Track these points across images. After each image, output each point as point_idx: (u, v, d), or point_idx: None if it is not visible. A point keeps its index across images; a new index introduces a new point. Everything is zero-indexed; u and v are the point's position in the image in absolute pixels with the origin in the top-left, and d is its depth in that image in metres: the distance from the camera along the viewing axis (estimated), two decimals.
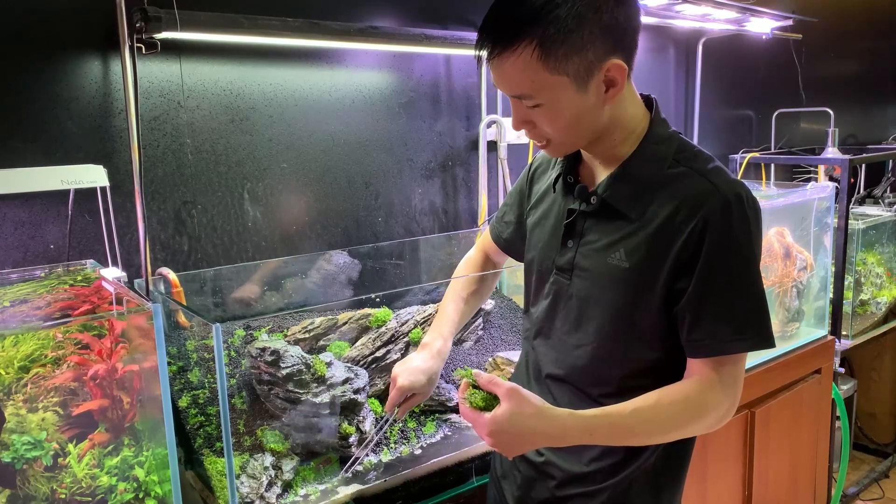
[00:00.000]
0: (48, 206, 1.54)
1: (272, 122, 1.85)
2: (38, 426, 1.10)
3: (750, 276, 1.02)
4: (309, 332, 1.63)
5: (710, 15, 2.59)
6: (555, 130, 1.04)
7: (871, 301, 2.89)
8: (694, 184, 1.01)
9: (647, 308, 1.05)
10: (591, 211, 1.09)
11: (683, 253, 1.00)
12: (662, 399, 1.02)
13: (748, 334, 1.01)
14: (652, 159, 1.05)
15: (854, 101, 3.99)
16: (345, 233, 2.02)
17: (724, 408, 1.04)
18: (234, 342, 1.61)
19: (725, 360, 1.02)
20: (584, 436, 1.01)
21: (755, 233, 1.02)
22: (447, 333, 1.36)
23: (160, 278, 1.60)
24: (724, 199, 0.99)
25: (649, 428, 1.03)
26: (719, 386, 1.03)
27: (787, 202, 2.35)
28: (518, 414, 0.99)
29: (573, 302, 1.12)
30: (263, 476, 1.29)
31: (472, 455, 1.48)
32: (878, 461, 3.34)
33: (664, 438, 1.07)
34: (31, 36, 1.49)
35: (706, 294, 1.00)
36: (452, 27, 2.17)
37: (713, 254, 0.99)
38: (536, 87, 0.98)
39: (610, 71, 0.98)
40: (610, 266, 1.06)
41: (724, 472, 2.06)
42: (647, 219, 1.03)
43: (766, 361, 2.14)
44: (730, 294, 1.01)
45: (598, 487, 1.13)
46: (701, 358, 1.03)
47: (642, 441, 1.07)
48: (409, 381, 1.28)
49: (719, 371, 1.02)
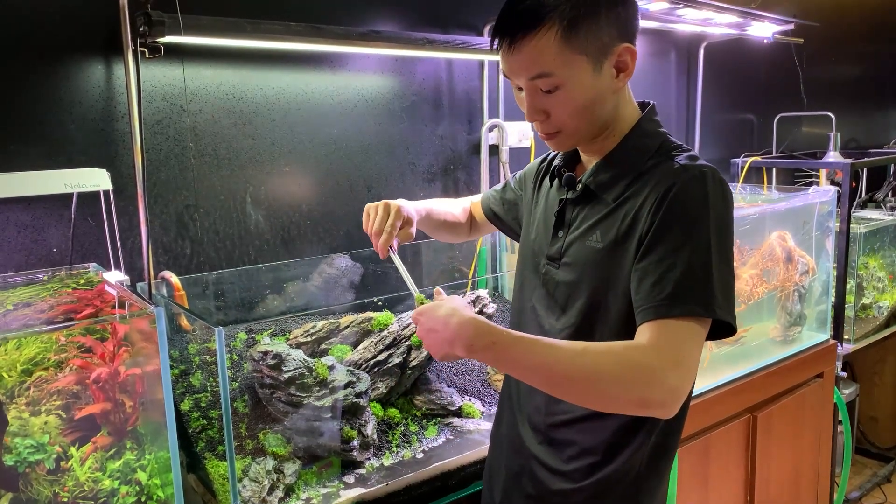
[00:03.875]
0: (51, 210, 1.54)
1: (275, 125, 1.85)
2: (41, 429, 1.10)
3: (702, 246, 0.98)
4: (311, 335, 1.63)
5: (711, 19, 2.60)
6: (568, 116, 1.07)
7: (873, 305, 2.89)
8: (665, 168, 1.05)
9: (618, 288, 1.06)
10: (576, 198, 1.14)
11: (645, 227, 1.02)
12: (592, 346, 0.97)
13: (686, 302, 0.95)
14: (636, 150, 1.10)
15: (855, 105, 3.99)
16: (347, 236, 2.02)
17: (661, 376, 0.93)
18: (237, 346, 1.61)
19: (664, 325, 0.96)
20: (485, 342, 0.97)
21: (718, 207, 1.00)
22: (424, 209, 1.37)
23: (162, 282, 1.61)
24: (688, 176, 1.01)
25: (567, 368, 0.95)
26: (656, 350, 0.95)
27: (788, 206, 2.35)
28: (439, 305, 1.04)
29: (560, 288, 1.14)
30: (265, 480, 1.29)
31: (475, 459, 1.48)
32: (880, 465, 3.33)
33: (585, 389, 0.96)
34: (34, 40, 1.49)
35: (652, 259, 0.99)
36: (454, 31, 2.17)
37: (664, 222, 1.00)
38: (557, 64, 1.02)
39: (622, 55, 1.04)
40: (587, 248, 1.10)
41: (725, 476, 2.05)
42: (621, 202, 1.07)
43: (768, 366, 2.14)
44: (673, 260, 0.97)
45: (576, 486, 1.14)
46: (641, 324, 0.98)
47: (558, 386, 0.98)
48: (386, 201, 1.26)
49: (657, 335, 0.96)
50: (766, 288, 2.21)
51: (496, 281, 2.20)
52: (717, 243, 0.99)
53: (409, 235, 1.29)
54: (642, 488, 1.14)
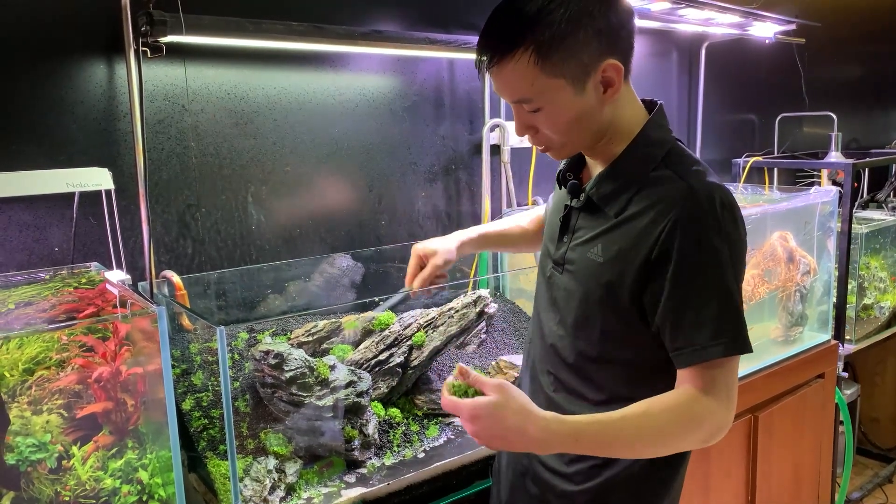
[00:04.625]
0: (53, 209, 1.54)
1: (276, 125, 1.85)
2: (43, 428, 1.10)
3: (723, 279, 1.00)
4: (312, 335, 1.63)
5: (713, 19, 2.60)
6: (556, 133, 1.06)
7: (875, 305, 2.89)
8: (670, 185, 1.02)
9: (616, 304, 1.06)
10: (580, 207, 1.13)
11: (652, 252, 1.00)
12: (653, 407, 0.99)
13: (725, 339, 0.99)
14: (639, 160, 1.07)
15: (857, 106, 3.99)
16: (348, 236, 2.02)
17: (719, 417, 1.00)
18: (238, 345, 1.61)
19: (710, 365, 0.99)
20: (568, 441, 0.97)
21: (730, 236, 1.01)
22: (476, 232, 1.42)
23: (164, 281, 1.61)
24: (697, 202, 0.99)
25: (638, 437, 0.99)
26: (710, 394, 0.99)
27: (790, 206, 2.35)
28: (502, 405, 0.95)
29: (560, 294, 1.15)
30: (267, 479, 1.29)
31: (476, 458, 1.48)
32: (881, 466, 3.33)
33: (656, 450, 1.02)
34: (36, 40, 1.49)
35: (680, 301, 1.00)
36: (456, 31, 2.17)
37: (684, 258, 0.98)
38: (536, 90, 1.01)
39: (606, 72, 1.01)
40: (588, 260, 1.09)
41: (727, 477, 2.05)
42: (624, 217, 1.05)
43: (770, 366, 2.13)
44: (703, 299, 0.99)
45: (578, 489, 1.14)
46: (686, 367, 1.01)
47: (633, 453, 1.03)
48: (423, 247, 1.35)
49: (707, 378, 0.99)
50: (767, 288, 2.21)
51: (497, 281, 2.20)
52: (733, 274, 1.01)
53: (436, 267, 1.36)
54: (644, 495, 1.14)
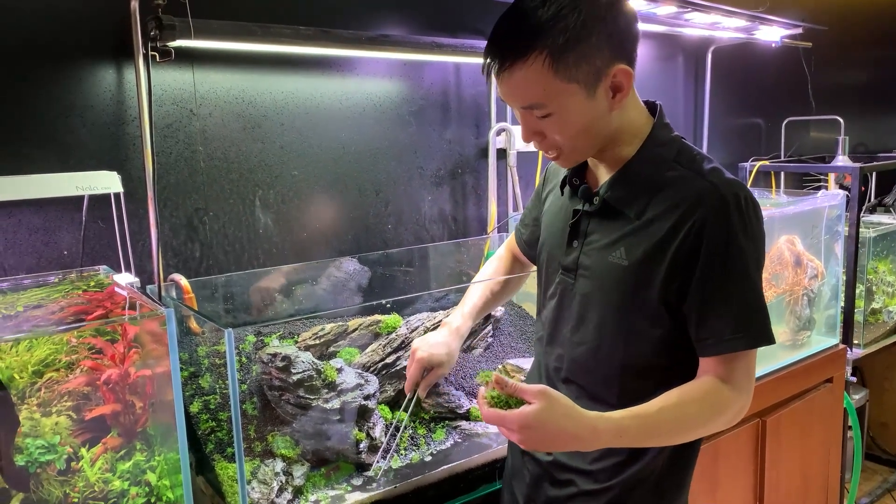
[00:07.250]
0: (62, 213, 1.55)
1: (284, 129, 1.86)
2: (52, 430, 1.10)
3: (748, 273, 1.03)
4: (319, 338, 1.63)
5: (719, 23, 2.59)
6: (565, 139, 1.06)
7: (883, 310, 2.87)
8: (692, 184, 1.04)
9: (644, 306, 1.06)
10: (594, 211, 1.12)
11: (680, 252, 1.02)
12: (684, 397, 1.03)
13: (750, 331, 1.03)
14: (652, 161, 1.08)
15: (864, 110, 3.97)
16: (355, 240, 2.03)
17: (740, 404, 1.06)
18: (246, 348, 1.61)
19: (734, 356, 1.04)
20: (614, 437, 0.99)
21: (754, 231, 1.04)
22: (468, 314, 1.40)
23: (172, 284, 1.61)
24: (722, 199, 1.01)
25: (675, 426, 1.03)
26: (733, 382, 1.04)
27: (797, 210, 2.34)
28: (549, 411, 0.95)
29: (577, 300, 1.14)
30: (274, 482, 1.29)
31: (483, 462, 1.48)
32: (890, 471, 3.31)
33: (686, 437, 1.07)
34: (45, 44, 1.50)
35: (708, 293, 1.03)
36: (462, 35, 2.18)
37: (712, 253, 1.01)
38: (548, 95, 1.01)
39: (616, 76, 1.02)
40: (611, 264, 1.09)
41: (735, 482, 2.04)
42: (646, 218, 1.06)
43: (778, 370, 2.12)
44: (730, 292, 1.03)
45: (601, 486, 1.14)
46: (711, 356, 1.05)
47: (667, 440, 1.08)
48: (427, 353, 1.32)
49: (730, 368, 1.04)
50: (774, 292, 2.21)
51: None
52: (756, 268, 1.04)
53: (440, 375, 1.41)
54: (666, 487, 1.15)
